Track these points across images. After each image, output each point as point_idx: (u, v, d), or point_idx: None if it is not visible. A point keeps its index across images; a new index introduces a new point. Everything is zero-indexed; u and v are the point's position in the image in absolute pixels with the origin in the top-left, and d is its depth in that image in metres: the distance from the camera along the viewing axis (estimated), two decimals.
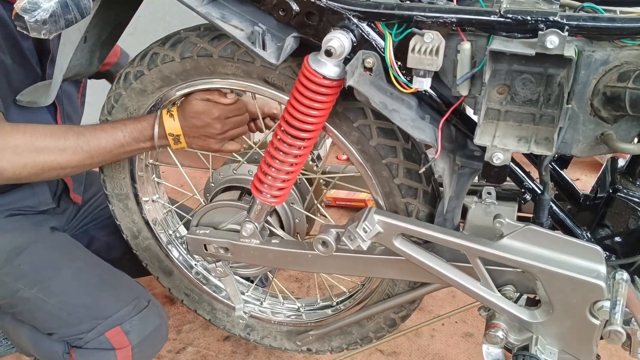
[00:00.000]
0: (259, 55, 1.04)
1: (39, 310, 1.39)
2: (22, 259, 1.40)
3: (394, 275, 1.23)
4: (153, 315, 1.42)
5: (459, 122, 1.06)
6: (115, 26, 1.30)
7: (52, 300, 1.38)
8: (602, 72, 0.91)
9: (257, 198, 1.18)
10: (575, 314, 1.04)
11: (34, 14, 0.98)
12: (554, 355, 1.09)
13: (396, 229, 1.10)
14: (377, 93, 1.00)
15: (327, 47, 0.98)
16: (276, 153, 1.13)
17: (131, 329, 1.37)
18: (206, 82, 1.23)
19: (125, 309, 1.37)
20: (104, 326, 1.36)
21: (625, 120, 0.94)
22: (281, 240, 1.29)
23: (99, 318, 1.36)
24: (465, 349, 1.80)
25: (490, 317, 1.12)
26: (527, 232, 1.04)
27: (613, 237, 1.17)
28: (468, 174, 1.10)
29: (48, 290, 1.38)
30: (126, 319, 1.37)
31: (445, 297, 1.99)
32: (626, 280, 1.02)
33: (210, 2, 1.07)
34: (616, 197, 1.15)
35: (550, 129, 0.95)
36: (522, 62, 0.93)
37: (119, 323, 1.36)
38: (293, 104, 1.07)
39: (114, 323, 1.36)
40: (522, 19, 0.90)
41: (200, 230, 1.33)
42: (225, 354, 1.80)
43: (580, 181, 2.66)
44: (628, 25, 0.88)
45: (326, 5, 0.99)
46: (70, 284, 1.40)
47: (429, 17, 0.93)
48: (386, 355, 1.78)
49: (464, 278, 1.11)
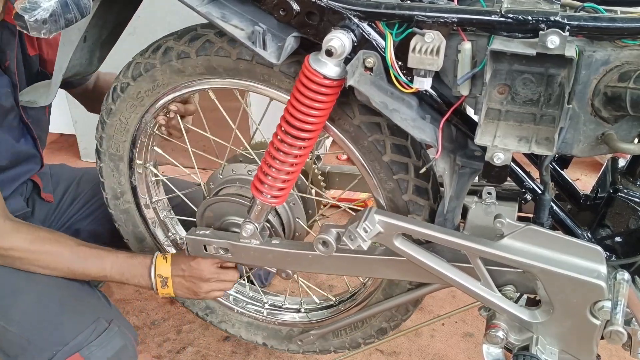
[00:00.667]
0: (259, 55, 1.04)
1: (2, 337, 1.36)
2: None
3: (394, 275, 1.23)
4: (115, 337, 1.37)
5: (460, 122, 1.06)
6: (115, 26, 1.30)
7: (13, 328, 1.34)
8: (602, 72, 0.91)
9: (257, 198, 1.18)
10: (575, 314, 1.04)
11: (34, 14, 0.98)
12: (555, 355, 1.09)
13: (397, 229, 1.10)
14: (378, 93, 1.00)
15: (328, 46, 0.98)
16: (276, 153, 1.12)
17: (90, 355, 1.33)
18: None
19: (84, 334, 1.34)
20: (63, 353, 1.32)
21: (626, 120, 0.94)
22: (281, 241, 1.29)
23: (58, 344, 1.32)
24: (465, 349, 1.80)
25: (491, 317, 1.12)
26: (528, 232, 1.04)
27: (613, 237, 1.17)
28: (468, 174, 1.10)
29: (8, 317, 1.35)
30: (85, 344, 1.33)
31: (445, 297, 1.99)
32: (627, 281, 1.02)
33: (210, 1, 1.07)
34: (617, 197, 1.15)
35: (551, 129, 0.95)
36: (523, 62, 0.93)
37: (77, 350, 1.32)
38: (293, 103, 1.07)
39: (72, 350, 1.32)
40: (523, 18, 0.90)
41: (200, 231, 1.33)
42: (225, 354, 1.80)
43: (580, 181, 2.66)
44: (629, 25, 0.88)
45: (327, 5, 0.99)
46: (29, 311, 1.36)
47: (430, 16, 0.93)
48: (386, 355, 1.78)
49: (464, 278, 1.11)
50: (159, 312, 1.98)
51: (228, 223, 1.38)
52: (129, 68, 1.29)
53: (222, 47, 1.17)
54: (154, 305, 2.00)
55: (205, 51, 1.19)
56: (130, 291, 2.06)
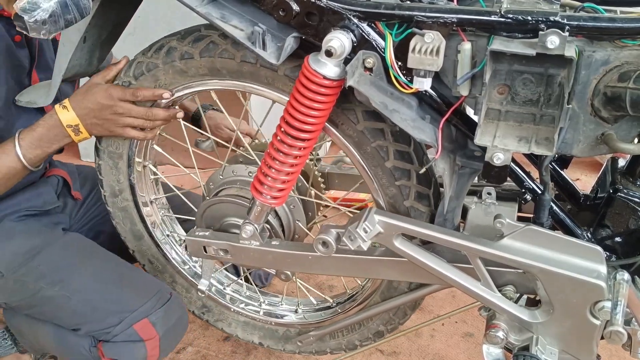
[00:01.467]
0: (259, 55, 1.04)
1: (63, 308, 1.42)
2: (40, 259, 1.43)
3: (394, 276, 1.23)
4: (176, 306, 1.46)
5: (459, 122, 1.06)
6: (114, 26, 1.30)
7: (76, 297, 1.40)
8: (602, 72, 0.91)
9: (257, 199, 1.18)
10: (575, 314, 1.04)
11: (33, 14, 0.98)
12: (555, 355, 1.09)
13: (396, 229, 1.10)
14: (378, 93, 1.00)
15: (328, 47, 0.98)
16: (276, 154, 1.12)
17: (157, 321, 1.40)
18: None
19: (150, 302, 1.41)
20: (132, 319, 1.39)
21: (626, 121, 0.94)
22: (281, 242, 1.29)
23: (126, 312, 1.39)
24: (465, 349, 1.80)
25: (491, 317, 1.12)
26: (528, 232, 1.04)
27: (613, 237, 1.17)
28: (468, 174, 1.10)
29: (70, 288, 1.41)
30: (152, 312, 1.40)
31: (445, 297, 1.99)
32: (627, 281, 1.02)
33: (210, 2, 1.07)
34: (616, 197, 1.15)
35: (550, 129, 0.95)
36: (523, 62, 0.93)
37: (146, 315, 1.39)
38: (293, 104, 1.07)
39: (141, 316, 1.39)
40: (522, 19, 0.90)
41: (199, 232, 1.33)
42: (225, 354, 1.80)
43: (580, 181, 2.66)
44: (628, 26, 0.88)
45: (326, 5, 0.99)
46: (91, 281, 1.43)
47: (430, 17, 0.93)
48: (386, 355, 1.78)
49: (464, 278, 1.11)
50: None
51: (227, 224, 1.38)
52: (130, 67, 1.29)
53: (227, 49, 1.17)
54: None
55: (209, 53, 1.18)
56: None
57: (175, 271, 1.60)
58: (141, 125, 1.31)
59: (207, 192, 1.45)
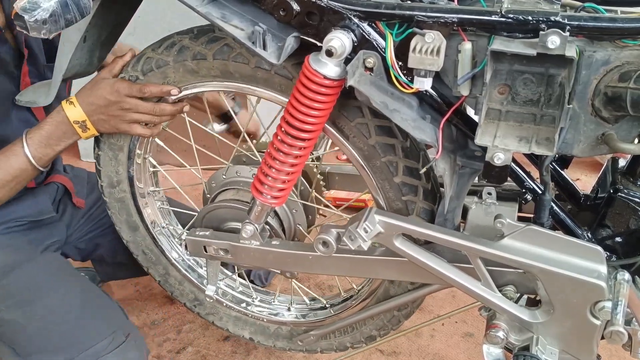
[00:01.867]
0: (259, 55, 1.04)
1: (19, 333, 1.37)
2: (11, 278, 1.39)
3: (394, 276, 1.23)
4: (131, 350, 1.39)
5: (460, 122, 1.05)
6: (114, 26, 1.30)
7: (33, 325, 1.36)
8: (603, 72, 0.91)
9: (257, 199, 1.18)
10: (576, 314, 1.04)
11: (33, 14, 0.98)
12: (555, 355, 1.09)
13: (397, 229, 1.10)
14: (378, 93, 1.00)
15: (328, 47, 0.98)
16: (276, 154, 1.12)
17: None
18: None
19: (102, 343, 1.35)
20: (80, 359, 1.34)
21: (626, 121, 0.94)
22: (281, 242, 1.29)
23: (76, 350, 1.34)
24: (465, 349, 1.80)
25: (491, 317, 1.12)
26: (528, 232, 1.04)
27: (614, 238, 1.16)
28: (468, 174, 1.10)
29: (31, 313, 1.36)
30: (102, 354, 1.34)
31: (445, 297, 1.99)
32: (627, 281, 1.02)
33: (210, 1, 1.06)
34: (617, 197, 1.15)
35: (551, 129, 0.95)
36: (523, 62, 0.93)
37: (95, 358, 1.34)
38: (293, 104, 1.07)
39: (89, 358, 1.34)
40: (523, 19, 0.90)
41: (199, 232, 1.33)
42: (225, 354, 1.80)
43: (580, 181, 2.66)
44: (629, 26, 0.88)
45: (327, 5, 0.99)
46: (53, 310, 1.38)
47: (430, 17, 0.93)
48: (386, 355, 1.78)
49: (464, 278, 1.11)
50: (159, 312, 1.98)
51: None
52: (139, 61, 1.27)
53: (241, 53, 1.16)
54: (154, 305, 2.00)
55: (223, 55, 1.18)
56: (130, 291, 2.06)
57: (170, 264, 1.58)
58: (148, 121, 1.29)
59: (208, 190, 1.45)
